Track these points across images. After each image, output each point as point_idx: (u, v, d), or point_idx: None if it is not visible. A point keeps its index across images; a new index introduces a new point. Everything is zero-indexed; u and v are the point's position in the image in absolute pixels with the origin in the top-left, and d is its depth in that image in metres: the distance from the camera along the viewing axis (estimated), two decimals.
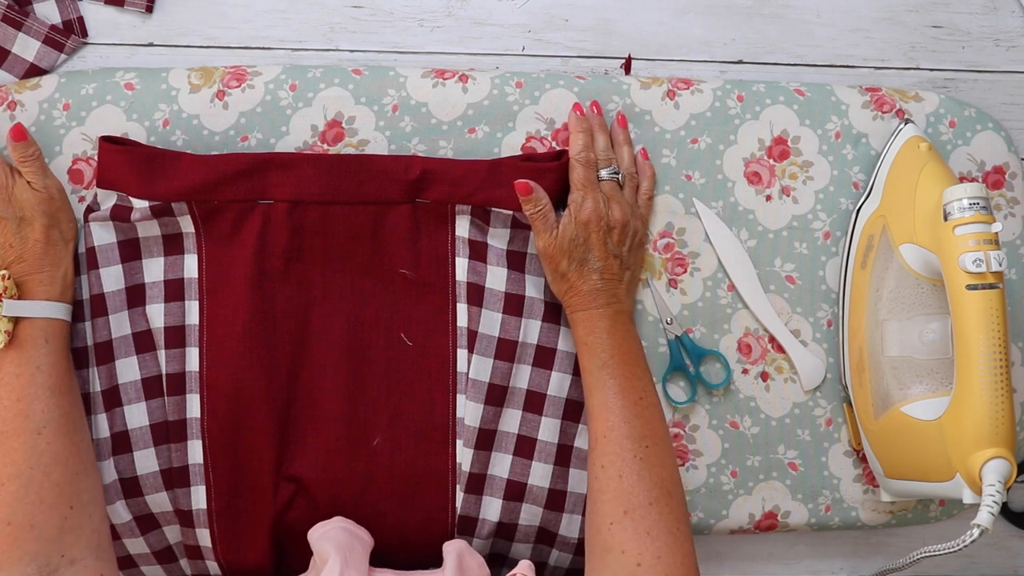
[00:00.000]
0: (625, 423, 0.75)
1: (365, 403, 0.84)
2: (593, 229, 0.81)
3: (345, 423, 0.84)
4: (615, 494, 0.73)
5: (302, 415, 0.84)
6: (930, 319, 0.82)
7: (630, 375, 0.78)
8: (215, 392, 0.82)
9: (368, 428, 0.84)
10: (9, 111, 0.83)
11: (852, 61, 0.93)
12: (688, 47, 0.92)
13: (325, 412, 0.84)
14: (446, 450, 0.84)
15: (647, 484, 0.73)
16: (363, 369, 0.84)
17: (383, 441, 0.84)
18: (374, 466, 0.84)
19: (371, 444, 0.84)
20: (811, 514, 0.89)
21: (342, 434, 0.84)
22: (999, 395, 0.73)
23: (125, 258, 0.83)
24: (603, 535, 0.72)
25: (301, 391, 0.84)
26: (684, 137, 0.88)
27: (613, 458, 0.74)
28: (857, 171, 0.90)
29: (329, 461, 0.83)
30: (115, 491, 0.82)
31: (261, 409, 0.82)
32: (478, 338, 0.84)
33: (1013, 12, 0.93)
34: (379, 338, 0.85)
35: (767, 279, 0.89)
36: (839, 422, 0.90)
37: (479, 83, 0.87)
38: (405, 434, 0.84)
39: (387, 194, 0.83)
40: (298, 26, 0.89)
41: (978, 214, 0.75)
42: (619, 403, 0.76)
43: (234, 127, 0.84)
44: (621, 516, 0.72)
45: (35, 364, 0.76)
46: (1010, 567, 0.95)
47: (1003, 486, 0.73)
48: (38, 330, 0.77)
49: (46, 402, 0.75)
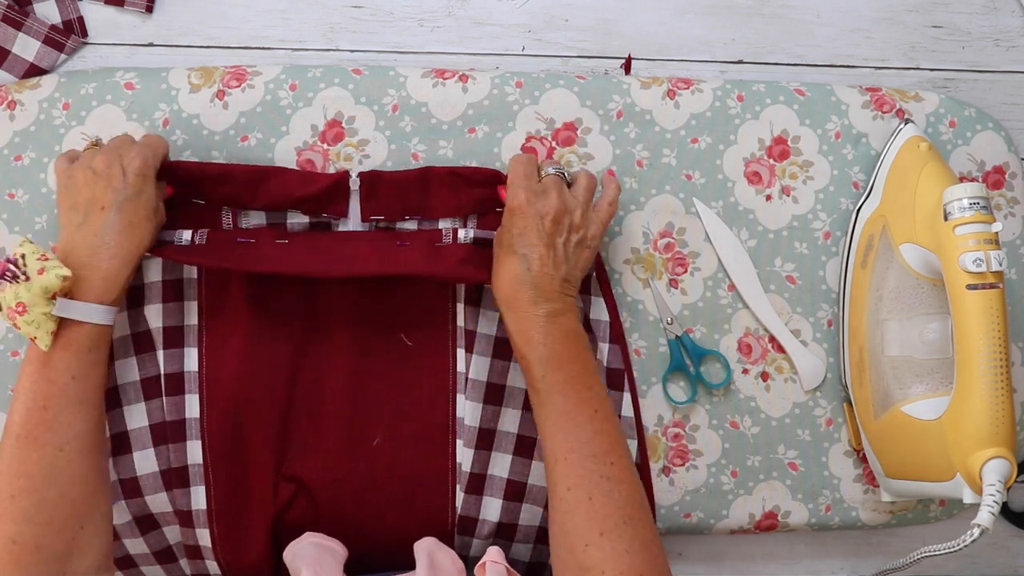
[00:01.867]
0: (585, 443, 0.72)
1: (365, 403, 0.84)
2: (521, 215, 0.76)
3: (345, 423, 0.84)
4: (587, 516, 0.70)
5: (303, 415, 0.84)
6: (930, 319, 0.82)
7: (580, 387, 0.74)
8: (215, 392, 0.82)
9: (368, 428, 0.84)
10: (9, 111, 0.83)
11: (852, 61, 0.93)
12: (688, 47, 0.92)
13: (326, 411, 0.84)
14: (446, 450, 0.84)
15: (619, 503, 0.71)
16: (364, 369, 0.84)
17: (383, 441, 0.84)
18: (374, 466, 0.83)
19: (371, 444, 0.84)
20: (811, 514, 0.89)
21: (343, 434, 0.84)
22: (999, 395, 0.73)
23: None
24: (578, 556, 0.69)
25: (301, 391, 0.84)
26: (684, 137, 0.88)
27: (579, 480, 0.71)
28: (857, 171, 0.90)
29: (329, 461, 0.83)
30: (115, 492, 0.82)
31: (261, 409, 0.82)
32: (476, 338, 0.84)
33: (1013, 12, 0.93)
34: (379, 338, 0.84)
35: (767, 279, 0.89)
36: (839, 422, 0.90)
37: (479, 83, 0.87)
38: (405, 434, 0.84)
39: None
40: (298, 26, 0.89)
41: (978, 214, 0.75)
42: (574, 422, 0.73)
43: (234, 127, 0.84)
44: (597, 537, 0.69)
45: (71, 373, 0.70)
46: (1010, 567, 0.95)
47: (1003, 486, 0.73)
48: (84, 336, 0.71)
49: (74, 415, 0.70)
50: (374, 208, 0.84)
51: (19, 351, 0.83)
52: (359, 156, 0.85)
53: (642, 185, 0.88)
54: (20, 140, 0.84)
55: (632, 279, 0.88)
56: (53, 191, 0.83)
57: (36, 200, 0.84)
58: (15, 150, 0.84)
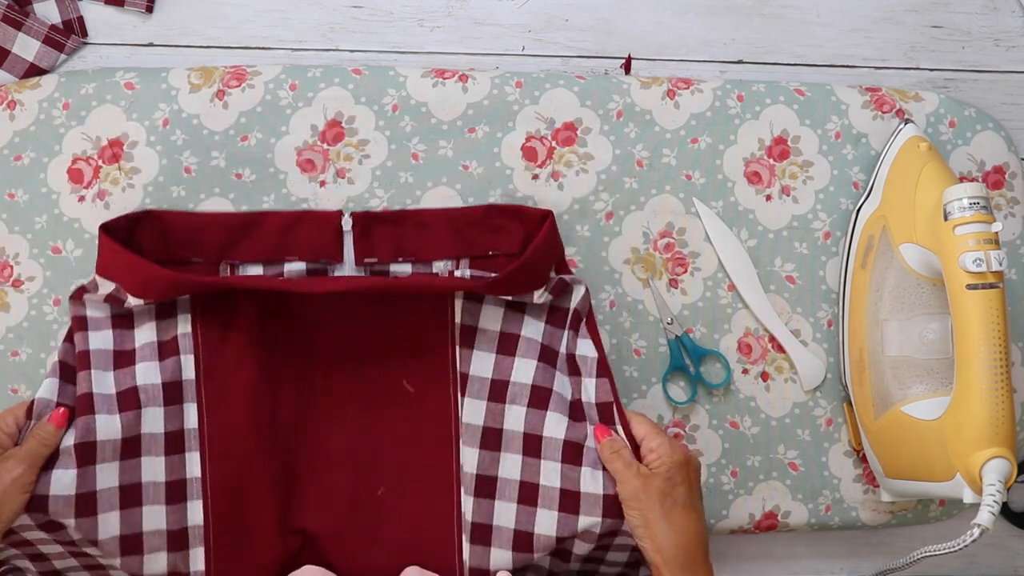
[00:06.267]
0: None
1: (369, 452, 0.83)
2: (688, 466, 0.74)
3: (350, 472, 0.82)
4: None
5: (306, 468, 0.82)
6: (930, 319, 0.82)
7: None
8: (216, 450, 0.80)
9: (372, 477, 0.83)
10: (9, 111, 0.83)
11: (852, 61, 0.93)
12: (688, 47, 0.92)
13: (329, 462, 0.82)
14: (451, 498, 0.82)
15: None
16: (366, 416, 0.83)
17: (388, 491, 0.83)
18: (380, 516, 0.82)
19: (376, 494, 0.82)
20: (811, 514, 0.89)
21: (347, 484, 0.82)
22: (999, 395, 0.73)
23: (116, 325, 0.80)
24: None
25: (304, 441, 0.82)
26: (684, 137, 0.88)
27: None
28: (857, 171, 0.90)
29: (334, 510, 0.82)
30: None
31: (265, 462, 0.81)
32: (470, 381, 0.82)
33: (1013, 12, 0.93)
34: (381, 384, 0.83)
35: (767, 279, 0.89)
36: (839, 422, 0.90)
37: (479, 83, 0.87)
38: (410, 483, 0.83)
39: None
40: (298, 26, 0.89)
41: (978, 214, 0.75)
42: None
43: (234, 127, 0.84)
44: None
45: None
46: (1010, 567, 0.95)
47: (1003, 486, 0.73)
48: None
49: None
50: (367, 248, 0.83)
51: (19, 351, 0.83)
52: (359, 156, 0.85)
53: (642, 185, 0.88)
54: (20, 140, 0.83)
55: (632, 279, 0.88)
56: (54, 191, 0.83)
57: (36, 200, 0.83)
58: (15, 150, 0.83)
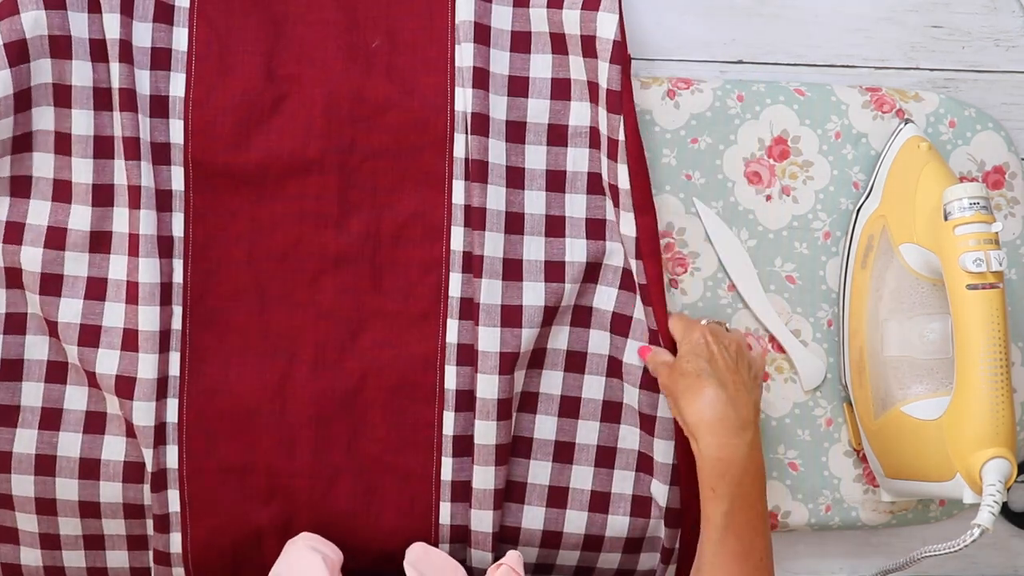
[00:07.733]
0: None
1: None
2: (706, 345, 0.77)
3: (343, 30, 0.85)
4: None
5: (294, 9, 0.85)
6: (930, 319, 0.82)
7: (755, 534, 0.74)
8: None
9: (367, 34, 0.85)
10: None
11: (852, 61, 0.93)
12: (688, 47, 0.92)
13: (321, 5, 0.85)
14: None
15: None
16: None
17: (381, 43, 0.85)
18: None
19: (371, 47, 0.85)
20: (811, 514, 0.89)
21: (341, 37, 0.84)
22: (999, 395, 0.73)
23: None
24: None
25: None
26: (684, 137, 0.88)
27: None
28: (857, 171, 0.90)
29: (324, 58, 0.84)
30: None
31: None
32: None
33: (1013, 12, 0.93)
34: None
35: (767, 279, 0.89)
36: (839, 422, 0.90)
37: None
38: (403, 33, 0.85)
39: None
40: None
41: (978, 214, 0.75)
42: (741, 569, 0.73)
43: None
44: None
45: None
46: (1010, 567, 0.95)
47: (1003, 486, 0.73)
48: None
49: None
50: None
51: None
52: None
53: None
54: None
55: None
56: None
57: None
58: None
